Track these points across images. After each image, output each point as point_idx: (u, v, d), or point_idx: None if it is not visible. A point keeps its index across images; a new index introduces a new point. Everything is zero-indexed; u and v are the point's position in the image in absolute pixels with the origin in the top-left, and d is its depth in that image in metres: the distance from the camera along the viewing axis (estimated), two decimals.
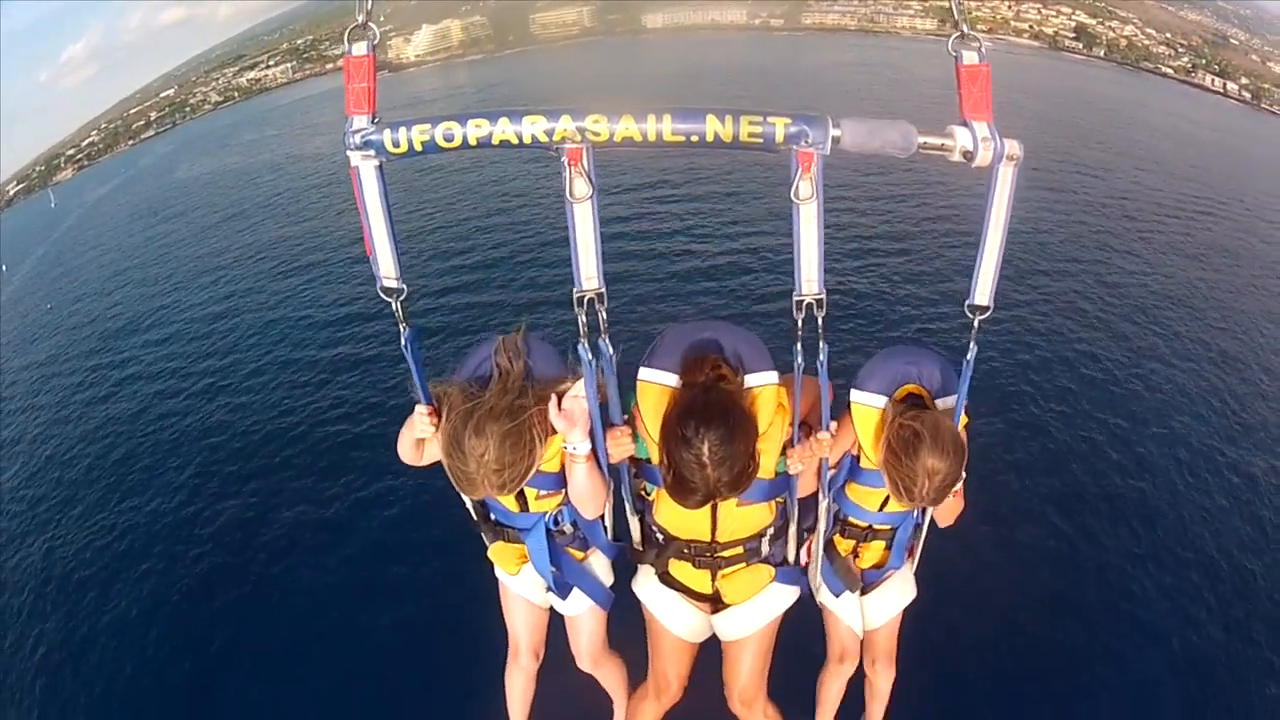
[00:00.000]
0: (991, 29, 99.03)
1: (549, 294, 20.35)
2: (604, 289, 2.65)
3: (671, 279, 21.61)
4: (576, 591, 3.64)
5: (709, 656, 3.86)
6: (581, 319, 2.68)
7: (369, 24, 2.46)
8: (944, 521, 3.64)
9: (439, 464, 3.16)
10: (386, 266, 2.73)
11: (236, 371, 21.34)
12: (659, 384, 3.09)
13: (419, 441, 3.19)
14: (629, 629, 3.88)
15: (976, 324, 2.82)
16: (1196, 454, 15.55)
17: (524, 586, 3.72)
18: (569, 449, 3.05)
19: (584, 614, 3.73)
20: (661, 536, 3.48)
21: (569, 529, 3.49)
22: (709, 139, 2.36)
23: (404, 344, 2.87)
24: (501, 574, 3.75)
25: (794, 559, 3.66)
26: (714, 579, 3.56)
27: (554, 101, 2.54)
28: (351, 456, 15.82)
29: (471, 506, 3.52)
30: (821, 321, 2.68)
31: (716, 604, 3.66)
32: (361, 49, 2.49)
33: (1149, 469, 15.04)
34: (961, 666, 10.49)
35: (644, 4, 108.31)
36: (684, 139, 2.37)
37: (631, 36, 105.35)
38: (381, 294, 2.78)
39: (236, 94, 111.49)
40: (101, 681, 12.48)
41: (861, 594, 3.90)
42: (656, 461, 3.09)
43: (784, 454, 3.15)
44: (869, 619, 3.96)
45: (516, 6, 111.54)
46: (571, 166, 2.46)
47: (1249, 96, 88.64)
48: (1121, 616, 12.02)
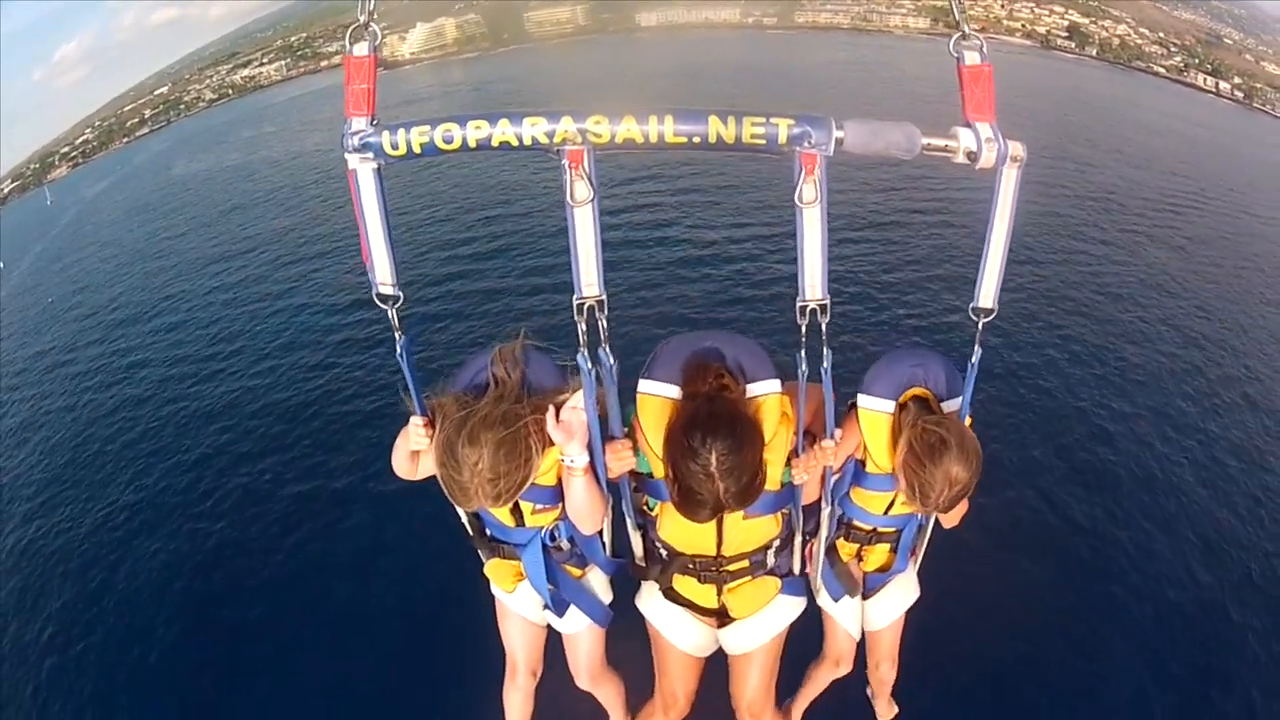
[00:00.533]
0: (984, 28, 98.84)
1: (547, 299, 20.18)
2: (605, 296, 2.58)
3: (671, 284, 21.47)
4: (574, 609, 3.57)
5: (714, 669, 3.82)
6: (581, 327, 2.61)
7: (371, 24, 2.41)
8: (949, 523, 3.61)
9: (434, 478, 3.10)
10: (383, 273, 2.67)
11: (243, 356, 21.53)
12: (660, 396, 3.01)
13: (414, 454, 3.12)
14: (629, 646, 3.82)
15: (981, 326, 2.81)
16: (1209, 448, 15.56)
17: (521, 604, 3.65)
18: (566, 462, 2.95)
19: (582, 632, 3.66)
20: (665, 553, 3.40)
21: (566, 545, 3.41)
22: (711, 140, 2.32)
23: (399, 352, 2.79)
24: (498, 591, 3.68)
25: (799, 570, 3.60)
26: (720, 593, 3.51)
27: (549, 99, 2.50)
28: (360, 435, 16.05)
29: (466, 521, 3.45)
30: (825, 327, 2.62)
31: (723, 619, 3.61)
32: (363, 49, 2.44)
33: (1157, 463, 15.02)
34: (964, 662, 10.48)
35: (638, 2, 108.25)
36: (686, 140, 2.33)
37: (625, 35, 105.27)
38: (377, 301, 2.71)
39: (231, 91, 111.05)
40: (108, 661, 12.51)
41: (864, 598, 3.86)
42: (659, 475, 3.04)
43: (789, 464, 3.07)
44: (872, 621, 3.94)
45: (511, 5, 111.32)
46: (572, 169, 2.40)
47: (1241, 96, 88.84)
48: (1127, 614, 11.94)
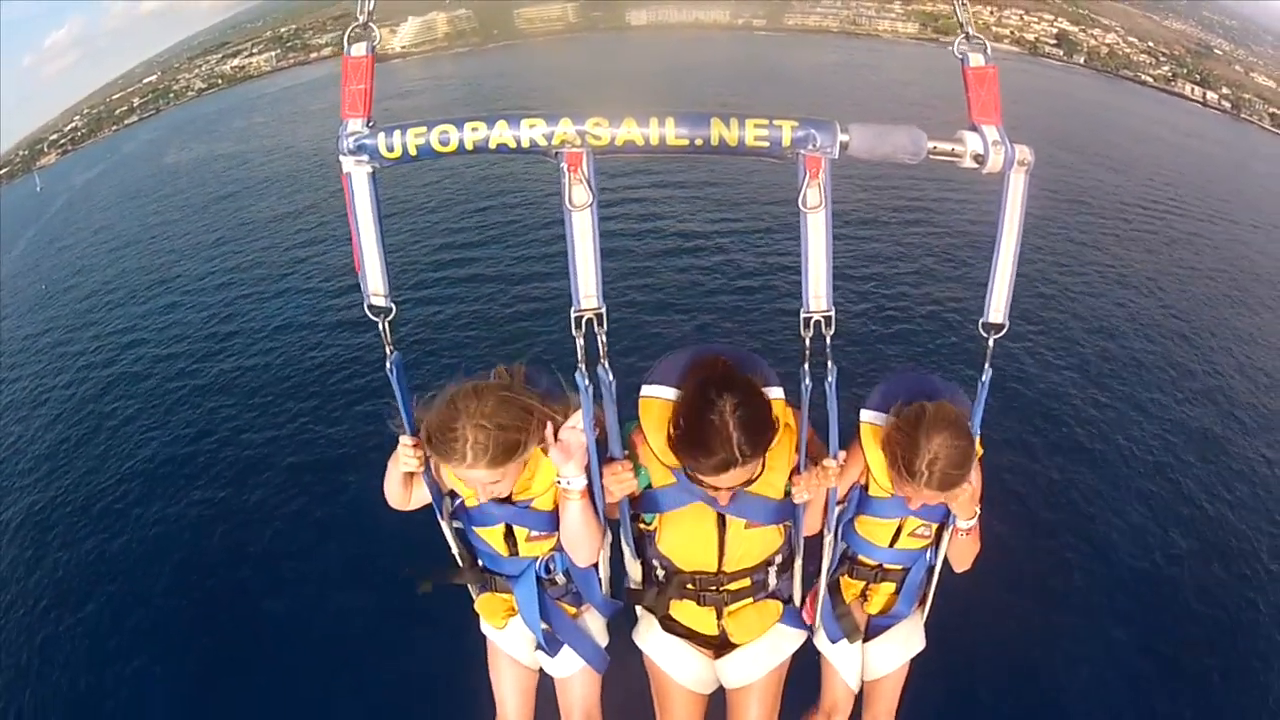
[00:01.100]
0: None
1: (542, 310, 19.99)
2: (604, 309, 2.49)
3: (669, 295, 21.28)
4: (568, 651, 3.43)
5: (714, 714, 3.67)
6: (579, 342, 2.52)
7: (370, 24, 2.35)
8: (959, 565, 3.50)
9: (429, 508, 3.10)
10: (375, 283, 2.60)
11: (240, 336, 21.67)
12: (663, 399, 2.92)
13: (406, 478, 3.01)
14: (628, 695, 3.68)
15: (992, 343, 2.72)
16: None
17: (511, 644, 3.52)
18: (562, 484, 2.86)
19: (575, 675, 3.50)
20: (663, 573, 3.29)
21: (561, 579, 3.31)
22: (713, 143, 2.28)
23: (389, 368, 2.73)
24: (489, 630, 3.54)
25: (800, 600, 3.50)
26: (720, 616, 3.38)
27: (539, 96, 2.44)
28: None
29: (457, 551, 3.33)
30: (830, 341, 2.55)
31: (722, 648, 3.50)
32: (361, 50, 2.39)
33: (1184, 496, 14.66)
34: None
35: (628, 2, 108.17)
36: (688, 143, 2.28)
37: (616, 33, 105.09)
38: (369, 313, 2.62)
39: (220, 81, 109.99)
40: (105, 630, 12.53)
41: (865, 641, 3.71)
42: (658, 484, 2.99)
43: (790, 479, 3.01)
44: (872, 668, 3.73)
45: (501, 1, 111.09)
46: (571, 172, 2.34)
47: (1229, 106, 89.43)
48: (1156, 675, 11.43)
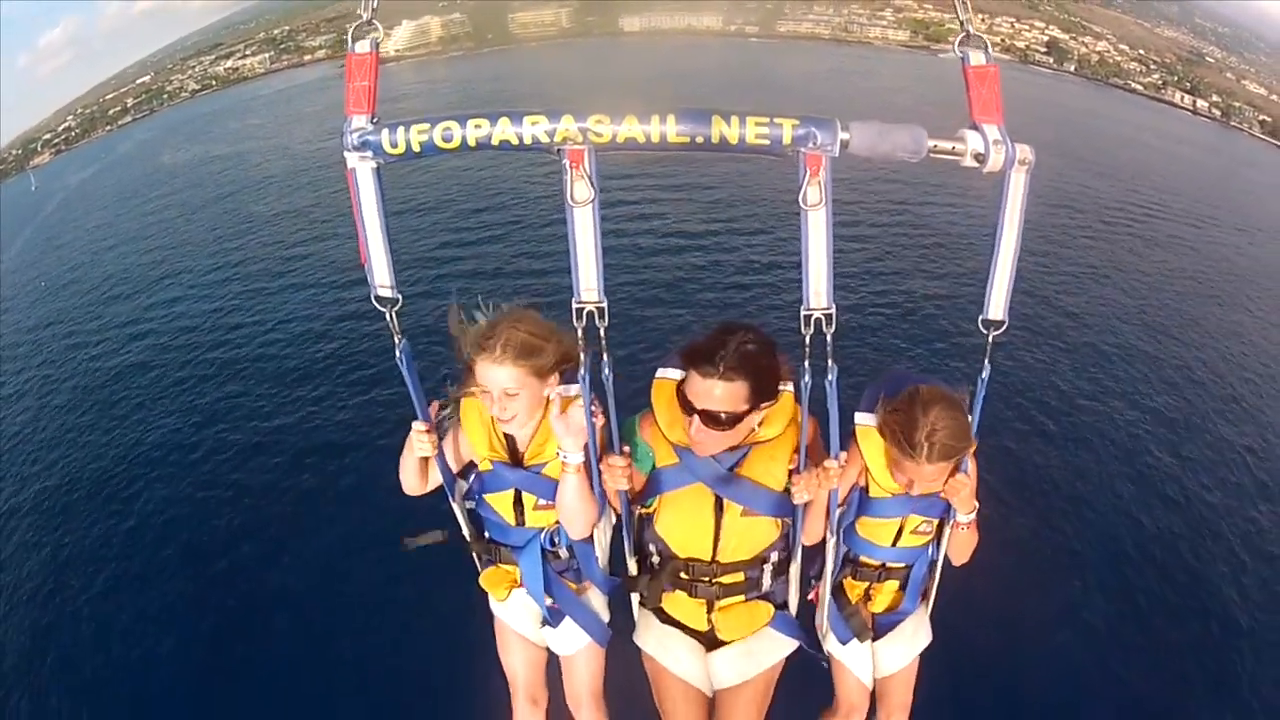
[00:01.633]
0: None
1: (544, 306, 20.14)
2: (605, 303, 2.53)
3: (668, 293, 21.33)
4: (571, 627, 3.49)
5: None
6: (579, 332, 2.57)
7: (374, 22, 2.39)
8: (959, 558, 3.50)
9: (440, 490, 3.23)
10: (381, 275, 2.65)
11: (244, 329, 21.73)
12: (674, 379, 3.03)
13: (422, 464, 3.13)
14: (629, 684, 3.68)
15: (991, 340, 2.74)
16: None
17: (516, 617, 3.57)
18: (560, 456, 2.98)
19: (580, 653, 3.54)
20: (658, 558, 3.35)
21: (564, 553, 3.38)
22: (714, 140, 2.29)
23: (399, 356, 2.80)
24: (495, 607, 3.61)
25: (794, 607, 3.52)
26: (710, 611, 3.41)
27: (534, 101, 2.47)
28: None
29: (464, 523, 3.41)
30: (830, 338, 2.58)
31: (714, 643, 3.50)
32: (364, 47, 2.43)
33: (1179, 491, 14.81)
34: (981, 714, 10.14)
35: (621, 7, 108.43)
36: (689, 140, 2.30)
37: (609, 39, 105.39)
38: (375, 304, 2.69)
39: (214, 82, 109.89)
40: (109, 612, 12.64)
41: (875, 640, 3.70)
42: (662, 463, 3.08)
43: (791, 480, 3.05)
44: (882, 666, 3.73)
45: (495, 5, 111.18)
46: (573, 169, 2.37)
47: (1219, 114, 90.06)
48: (1154, 656, 11.55)
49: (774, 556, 3.33)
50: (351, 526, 13.00)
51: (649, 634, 3.57)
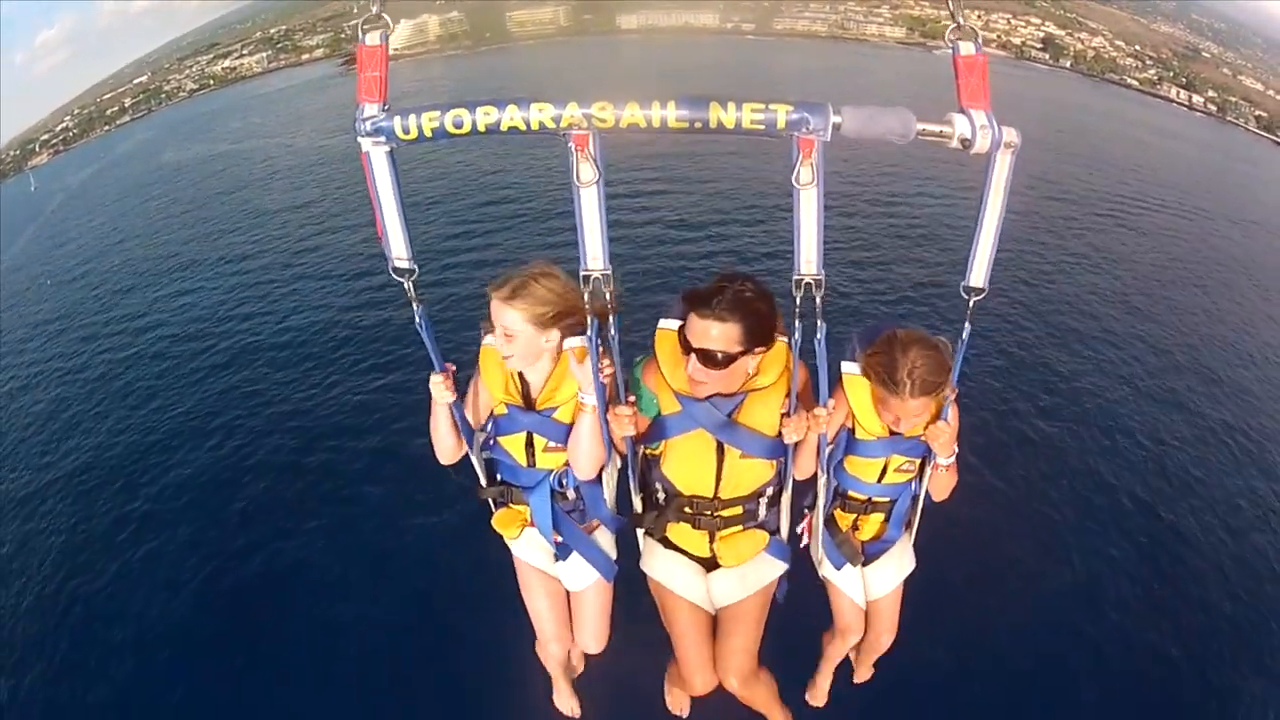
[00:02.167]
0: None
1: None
2: (610, 270, 2.72)
3: (668, 271, 21.42)
4: (580, 563, 3.76)
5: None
6: (586, 295, 2.78)
7: (383, 14, 2.52)
8: (939, 495, 3.79)
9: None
10: (398, 248, 2.81)
11: (256, 318, 21.88)
12: (674, 329, 3.29)
13: (450, 424, 3.39)
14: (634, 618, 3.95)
15: (972, 304, 2.91)
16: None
17: (530, 553, 3.84)
18: (580, 397, 3.24)
19: (589, 588, 3.85)
20: (664, 495, 3.62)
21: (572, 495, 3.63)
22: (712, 125, 2.42)
23: (418, 321, 2.99)
24: (514, 550, 3.87)
25: (786, 534, 3.80)
26: (712, 540, 3.70)
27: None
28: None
29: (480, 467, 3.66)
30: (820, 301, 2.75)
31: (714, 566, 3.80)
32: (375, 39, 2.57)
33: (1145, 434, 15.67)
34: (960, 636, 10.70)
35: (618, 6, 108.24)
36: (688, 125, 2.43)
37: (606, 37, 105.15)
38: (393, 274, 2.86)
39: (212, 82, 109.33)
40: (122, 594, 12.74)
41: (864, 565, 4.08)
42: (666, 411, 3.34)
43: (783, 422, 3.31)
44: (871, 590, 4.16)
45: (493, 4, 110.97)
46: (578, 152, 2.51)
47: (1214, 109, 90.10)
48: (1118, 593, 12.12)
49: (769, 491, 3.63)
50: (368, 503, 13.19)
51: (654, 560, 3.87)
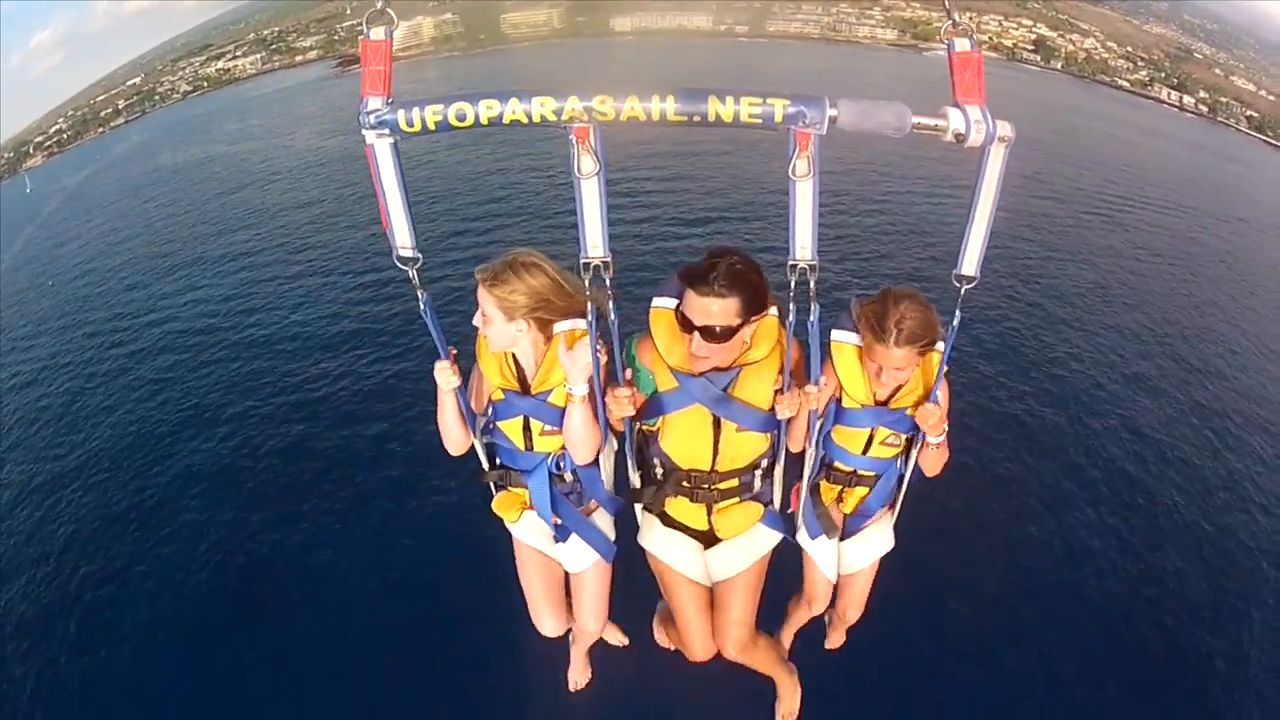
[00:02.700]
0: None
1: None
2: (610, 258, 2.77)
3: (667, 252, 22.00)
4: (579, 544, 3.81)
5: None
6: (586, 281, 2.82)
7: (387, 10, 2.53)
8: (931, 470, 3.84)
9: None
10: (403, 237, 2.85)
11: (261, 312, 22.11)
12: (670, 308, 3.33)
13: (457, 412, 3.47)
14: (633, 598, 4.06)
15: (963, 292, 2.94)
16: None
17: (529, 534, 3.90)
18: (567, 388, 3.29)
19: (589, 570, 3.91)
20: (662, 470, 3.67)
21: (569, 477, 3.67)
22: (710, 119, 2.45)
23: (422, 308, 3.06)
24: (513, 531, 3.93)
25: (779, 504, 3.87)
26: (709, 513, 3.75)
27: None
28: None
29: (482, 451, 3.71)
30: (814, 284, 2.81)
31: (710, 543, 3.88)
32: (379, 34, 2.58)
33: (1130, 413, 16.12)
34: (934, 620, 10.95)
35: (612, 8, 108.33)
36: (686, 119, 2.46)
37: (600, 39, 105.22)
38: (398, 263, 2.91)
39: (206, 83, 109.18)
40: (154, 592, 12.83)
41: (841, 540, 4.17)
42: (663, 388, 3.43)
43: (776, 398, 3.38)
44: (846, 563, 4.23)
45: (487, 6, 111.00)
46: (579, 144, 2.56)
47: (1205, 110, 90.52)
48: (1102, 587, 12.27)
49: (764, 463, 3.67)
50: (377, 487, 13.51)
51: (653, 535, 3.92)
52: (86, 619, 12.50)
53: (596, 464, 3.64)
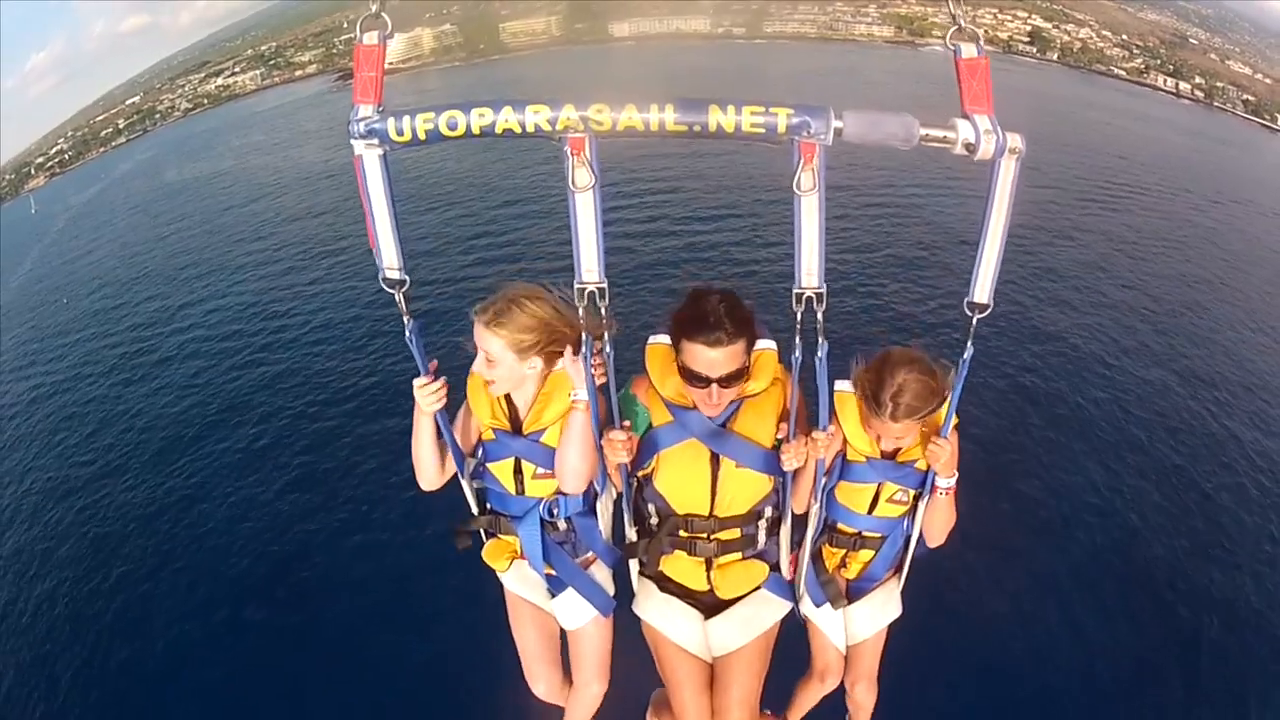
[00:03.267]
0: (946, 34, 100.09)
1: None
2: (605, 283, 2.61)
3: (666, 276, 21.78)
4: (575, 599, 3.53)
5: None
6: (581, 311, 2.67)
7: (382, 14, 2.45)
8: (935, 535, 3.58)
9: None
10: (389, 257, 2.72)
11: (282, 318, 22.53)
12: (666, 344, 3.18)
13: (435, 444, 3.23)
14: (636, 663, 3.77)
15: (975, 322, 2.79)
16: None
17: (522, 586, 3.65)
18: (572, 396, 3.07)
19: (586, 626, 3.59)
20: (657, 519, 3.43)
21: (563, 525, 3.44)
22: (711, 129, 2.34)
23: (408, 336, 2.88)
24: (505, 582, 3.67)
25: (785, 569, 3.62)
26: (709, 569, 3.48)
27: None
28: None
29: (471, 496, 3.51)
30: (822, 316, 2.64)
31: (712, 610, 3.58)
32: (373, 38, 2.49)
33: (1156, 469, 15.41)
34: (948, 693, 10.36)
35: (610, 13, 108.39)
36: (686, 129, 2.35)
37: (599, 45, 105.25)
38: (384, 285, 2.76)
39: (206, 100, 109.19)
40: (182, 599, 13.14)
41: (847, 604, 3.82)
42: (658, 423, 3.23)
43: (782, 449, 3.16)
44: (852, 632, 3.87)
45: (486, 15, 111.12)
46: (574, 155, 2.45)
47: (1202, 96, 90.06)
48: (1120, 646, 11.76)
49: (768, 511, 3.42)
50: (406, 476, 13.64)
51: (648, 603, 3.63)
52: (123, 611, 12.87)
53: (593, 512, 3.42)
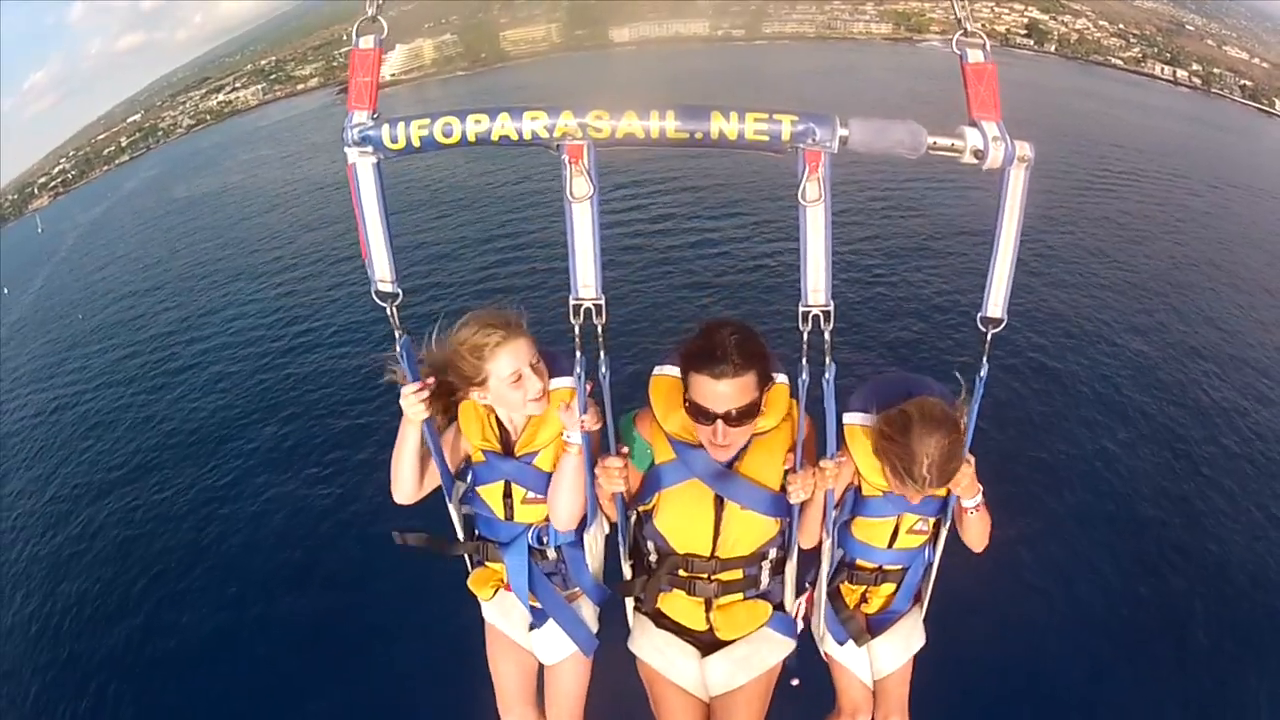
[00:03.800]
0: (944, 29, 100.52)
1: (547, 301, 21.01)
2: (603, 300, 2.52)
3: (667, 290, 21.58)
4: (556, 633, 3.37)
5: None
6: (576, 329, 2.56)
7: (378, 18, 2.39)
8: (976, 543, 3.36)
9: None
10: (382, 269, 2.64)
11: (298, 324, 22.65)
12: (671, 376, 3.02)
13: (417, 455, 3.07)
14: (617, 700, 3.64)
15: (989, 338, 2.67)
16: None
17: (504, 619, 3.50)
18: (565, 436, 2.96)
19: (564, 662, 3.42)
20: (656, 556, 3.26)
21: (552, 554, 3.32)
22: (714, 137, 2.27)
23: (399, 350, 2.79)
24: (487, 614, 3.54)
25: (791, 608, 3.44)
26: (709, 610, 3.32)
27: None
28: None
29: (459, 521, 3.37)
30: (829, 336, 2.54)
31: (710, 649, 3.39)
32: (369, 43, 2.43)
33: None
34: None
35: (610, 19, 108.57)
36: (687, 137, 2.28)
37: (600, 51, 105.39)
38: (376, 298, 2.67)
39: (209, 117, 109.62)
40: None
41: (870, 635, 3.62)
42: (661, 460, 3.05)
43: (786, 477, 3.02)
44: (878, 667, 3.64)
45: (486, 24, 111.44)
46: (572, 164, 2.37)
47: (1199, 82, 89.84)
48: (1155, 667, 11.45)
49: (772, 553, 3.27)
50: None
51: (645, 640, 3.46)
52: (155, 610, 13.01)
53: (582, 544, 3.27)
